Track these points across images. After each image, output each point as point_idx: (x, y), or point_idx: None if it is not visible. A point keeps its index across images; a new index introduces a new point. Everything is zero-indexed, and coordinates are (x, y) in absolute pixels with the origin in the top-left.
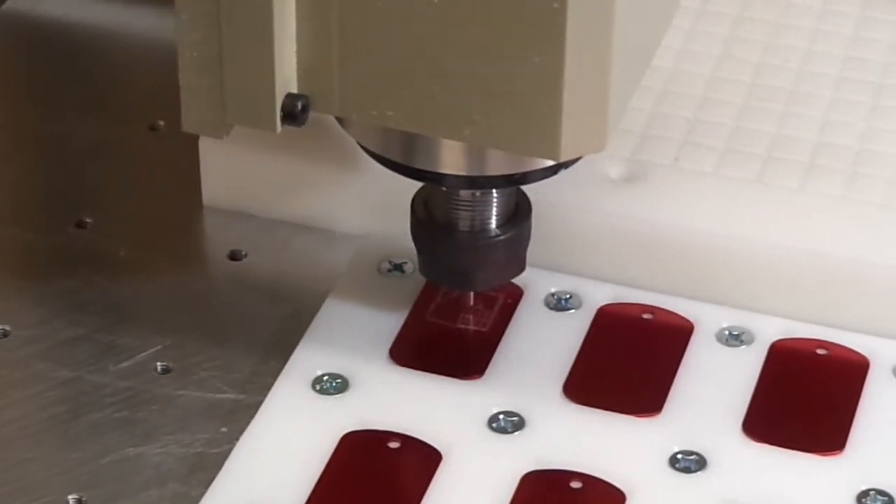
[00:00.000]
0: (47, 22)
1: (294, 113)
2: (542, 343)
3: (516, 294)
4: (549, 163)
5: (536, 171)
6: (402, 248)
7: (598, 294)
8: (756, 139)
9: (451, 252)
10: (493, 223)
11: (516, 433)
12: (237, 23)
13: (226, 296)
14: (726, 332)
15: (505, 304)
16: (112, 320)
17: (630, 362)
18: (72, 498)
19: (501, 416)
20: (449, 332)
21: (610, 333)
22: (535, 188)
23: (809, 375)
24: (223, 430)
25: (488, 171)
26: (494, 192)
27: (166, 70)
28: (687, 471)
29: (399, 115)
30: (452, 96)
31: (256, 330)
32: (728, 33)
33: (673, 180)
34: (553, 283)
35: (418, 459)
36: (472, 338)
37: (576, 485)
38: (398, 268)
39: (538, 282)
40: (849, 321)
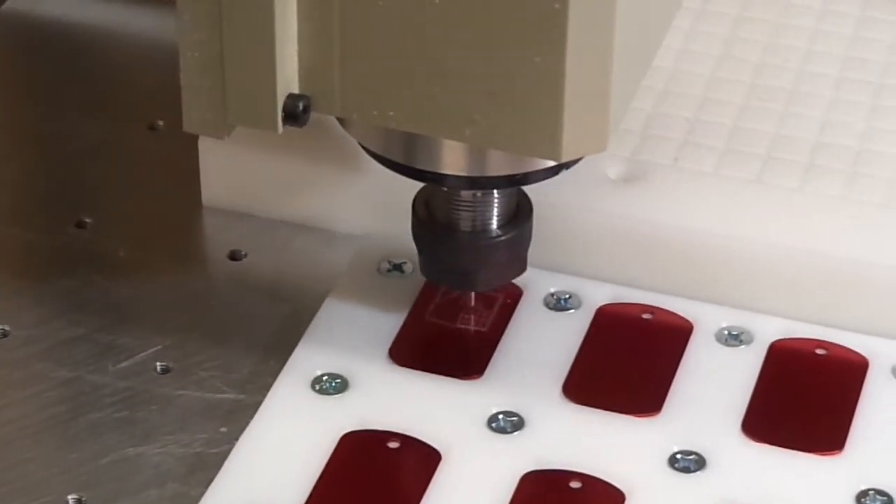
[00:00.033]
0: (47, 22)
1: (295, 113)
2: (541, 343)
3: (516, 294)
4: (551, 163)
5: (538, 171)
6: (402, 249)
7: (598, 294)
8: (756, 139)
9: (452, 252)
10: (495, 223)
11: (516, 433)
12: (238, 23)
13: (226, 296)
14: (726, 332)
15: (504, 304)
16: (112, 320)
17: (630, 362)
18: (71, 498)
19: (501, 416)
20: (448, 332)
21: (609, 333)
22: (534, 188)
23: (809, 375)
24: (223, 430)
25: (489, 171)
26: (496, 193)
27: (166, 70)
28: (686, 471)
29: (400, 115)
30: (453, 96)
31: (256, 330)
32: (728, 33)
33: (673, 180)
34: (553, 283)
35: (418, 459)
36: (471, 338)
37: (575, 485)
38: (398, 268)
39: (538, 282)
40: (848, 321)
